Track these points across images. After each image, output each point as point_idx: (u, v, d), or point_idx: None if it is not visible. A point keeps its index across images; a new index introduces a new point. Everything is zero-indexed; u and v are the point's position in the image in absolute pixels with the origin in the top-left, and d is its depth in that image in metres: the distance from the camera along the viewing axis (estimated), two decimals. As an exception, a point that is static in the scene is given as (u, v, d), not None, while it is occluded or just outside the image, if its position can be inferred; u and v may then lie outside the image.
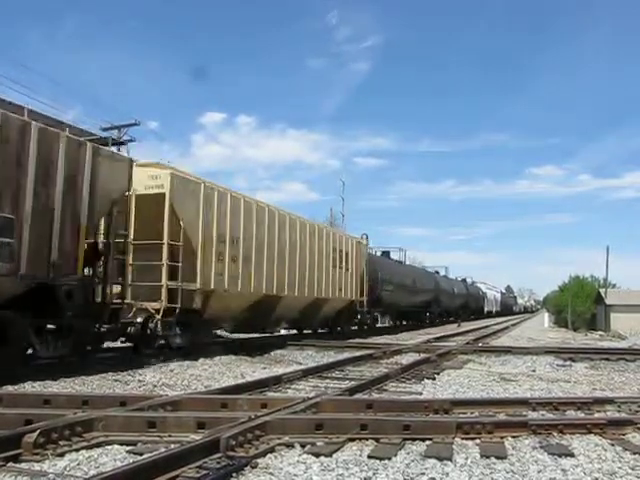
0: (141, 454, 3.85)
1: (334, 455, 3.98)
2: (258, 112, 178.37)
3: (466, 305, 46.41)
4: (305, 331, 18.99)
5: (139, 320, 10.14)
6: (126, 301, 9.78)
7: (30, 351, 8.31)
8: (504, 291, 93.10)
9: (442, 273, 44.00)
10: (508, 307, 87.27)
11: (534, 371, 10.03)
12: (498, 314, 67.44)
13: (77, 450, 3.93)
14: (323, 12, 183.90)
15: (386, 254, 28.86)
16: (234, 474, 3.51)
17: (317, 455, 3.94)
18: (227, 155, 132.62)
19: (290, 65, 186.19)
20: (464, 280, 51.81)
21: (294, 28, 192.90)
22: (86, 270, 9.03)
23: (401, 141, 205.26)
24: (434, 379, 8.55)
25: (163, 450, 3.81)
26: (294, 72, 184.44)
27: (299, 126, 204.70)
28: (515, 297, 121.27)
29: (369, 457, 3.97)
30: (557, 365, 11.01)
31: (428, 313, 33.81)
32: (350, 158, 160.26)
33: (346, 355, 11.91)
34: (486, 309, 59.09)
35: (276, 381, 7.57)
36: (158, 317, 10.27)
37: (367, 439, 4.35)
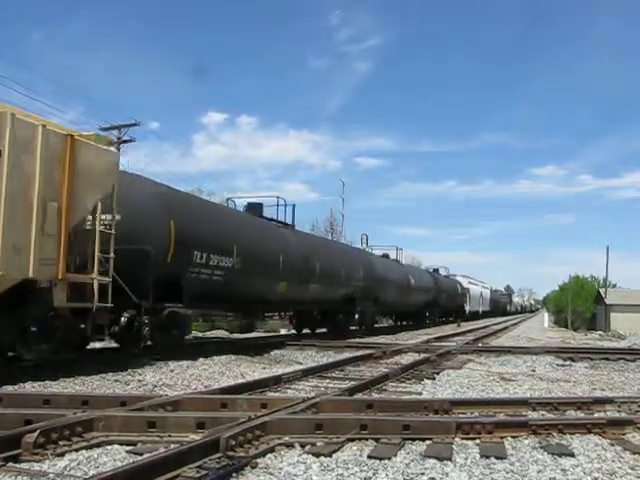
0: (141, 454, 3.85)
1: (334, 455, 3.98)
2: (259, 112, 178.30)
3: (434, 303, 33.90)
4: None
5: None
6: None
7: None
8: (495, 288, 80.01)
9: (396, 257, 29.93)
10: (500, 307, 75.57)
11: (534, 371, 10.02)
12: (486, 315, 56.36)
13: (77, 450, 3.93)
14: (325, 12, 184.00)
15: (254, 208, 15.83)
16: (234, 474, 3.51)
17: (317, 455, 3.94)
18: (228, 155, 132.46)
19: (292, 65, 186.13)
20: (436, 270, 40.66)
21: (296, 28, 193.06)
22: None
23: (402, 141, 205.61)
24: (434, 379, 8.55)
25: (163, 450, 3.81)
26: (296, 72, 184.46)
27: (300, 126, 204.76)
28: (510, 295, 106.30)
29: (369, 457, 3.97)
30: (557, 365, 11.02)
31: (357, 314, 21.03)
32: (351, 158, 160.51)
33: (346, 355, 11.91)
34: (468, 309, 46.09)
35: (276, 381, 7.57)
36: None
37: (367, 439, 4.34)
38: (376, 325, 26.45)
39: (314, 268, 16.76)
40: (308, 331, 19.92)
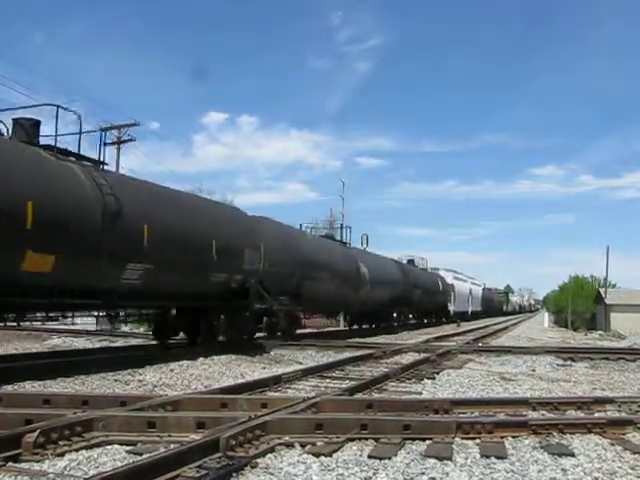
0: (141, 454, 3.85)
1: (334, 455, 3.98)
2: (260, 112, 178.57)
3: (405, 301, 26.58)
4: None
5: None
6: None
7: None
8: (489, 286, 71.05)
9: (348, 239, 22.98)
10: (495, 306, 67.58)
11: (534, 371, 10.02)
12: (477, 316, 48.81)
13: (77, 450, 3.93)
14: (326, 12, 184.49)
15: (24, 127, 9.38)
16: (234, 474, 3.51)
17: (317, 455, 3.94)
18: (228, 155, 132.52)
19: (293, 65, 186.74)
20: (411, 262, 32.94)
21: (296, 29, 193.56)
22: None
23: (403, 141, 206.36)
24: (434, 379, 8.55)
25: (163, 450, 3.81)
26: (297, 72, 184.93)
27: (301, 126, 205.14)
28: (507, 294, 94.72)
29: (369, 457, 3.97)
30: (557, 365, 11.01)
31: (265, 316, 14.53)
32: (352, 158, 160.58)
33: (346, 355, 11.90)
34: (453, 308, 38.25)
35: (276, 381, 7.57)
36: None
37: (367, 439, 4.34)
38: (305, 329, 19.76)
39: (138, 236, 9.76)
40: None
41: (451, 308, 37.99)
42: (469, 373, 9.33)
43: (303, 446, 4.16)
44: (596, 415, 5.51)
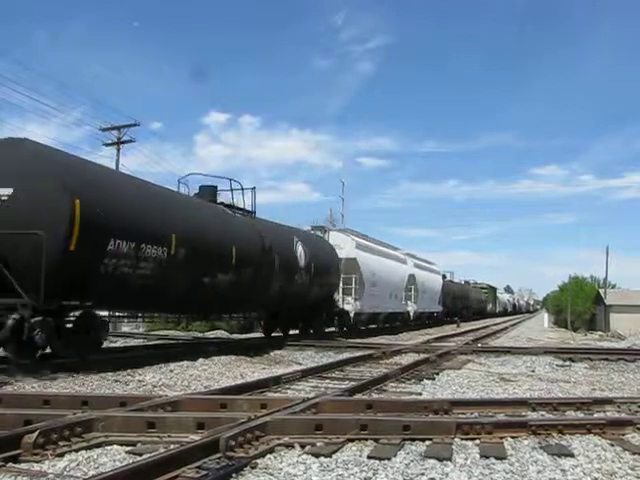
0: (141, 454, 3.85)
1: (334, 455, 3.98)
2: (262, 112, 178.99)
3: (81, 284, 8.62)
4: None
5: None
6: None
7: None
8: (465, 278, 54.42)
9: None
10: (471, 306, 50.68)
11: (533, 371, 10.03)
12: (434, 321, 34.85)
13: (77, 450, 3.93)
14: (329, 13, 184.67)
15: None
16: (234, 474, 3.51)
17: (317, 455, 3.94)
18: (230, 155, 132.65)
19: (295, 65, 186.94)
20: (206, 189, 13.96)
21: (299, 29, 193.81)
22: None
23: (404, 141, 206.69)
24: (434, 379, 8.55)
25: (163, 450, 3.81)
26: (299, 72, 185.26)
27: (303, 126, 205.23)
28: (493, 290, 71.20)
29: (369, 457, 3.97)
30: (556, 365, 11.02)
31: None
32: (353, 158, 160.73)
33: (346, 355, 11.91)
34: (358, 306, 20.41)
35: (276, 381, 7.57)
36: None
37: (367, 439, 4.34)
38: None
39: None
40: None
41: (350, 306, 20.16)
42: (469, 374, 9.34)
43: (303, 447, 4.16)
44: (595, 416, 5.51)
